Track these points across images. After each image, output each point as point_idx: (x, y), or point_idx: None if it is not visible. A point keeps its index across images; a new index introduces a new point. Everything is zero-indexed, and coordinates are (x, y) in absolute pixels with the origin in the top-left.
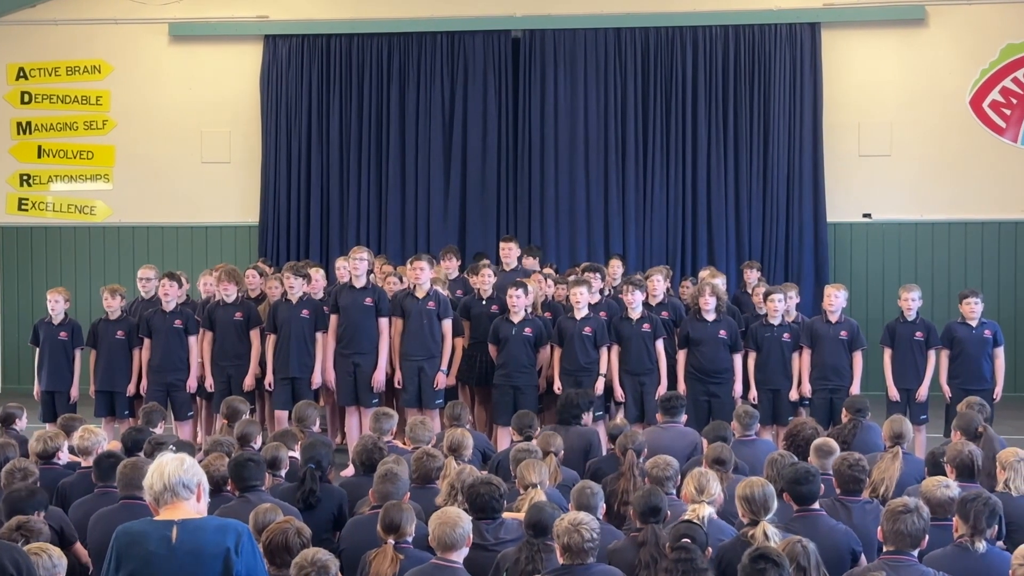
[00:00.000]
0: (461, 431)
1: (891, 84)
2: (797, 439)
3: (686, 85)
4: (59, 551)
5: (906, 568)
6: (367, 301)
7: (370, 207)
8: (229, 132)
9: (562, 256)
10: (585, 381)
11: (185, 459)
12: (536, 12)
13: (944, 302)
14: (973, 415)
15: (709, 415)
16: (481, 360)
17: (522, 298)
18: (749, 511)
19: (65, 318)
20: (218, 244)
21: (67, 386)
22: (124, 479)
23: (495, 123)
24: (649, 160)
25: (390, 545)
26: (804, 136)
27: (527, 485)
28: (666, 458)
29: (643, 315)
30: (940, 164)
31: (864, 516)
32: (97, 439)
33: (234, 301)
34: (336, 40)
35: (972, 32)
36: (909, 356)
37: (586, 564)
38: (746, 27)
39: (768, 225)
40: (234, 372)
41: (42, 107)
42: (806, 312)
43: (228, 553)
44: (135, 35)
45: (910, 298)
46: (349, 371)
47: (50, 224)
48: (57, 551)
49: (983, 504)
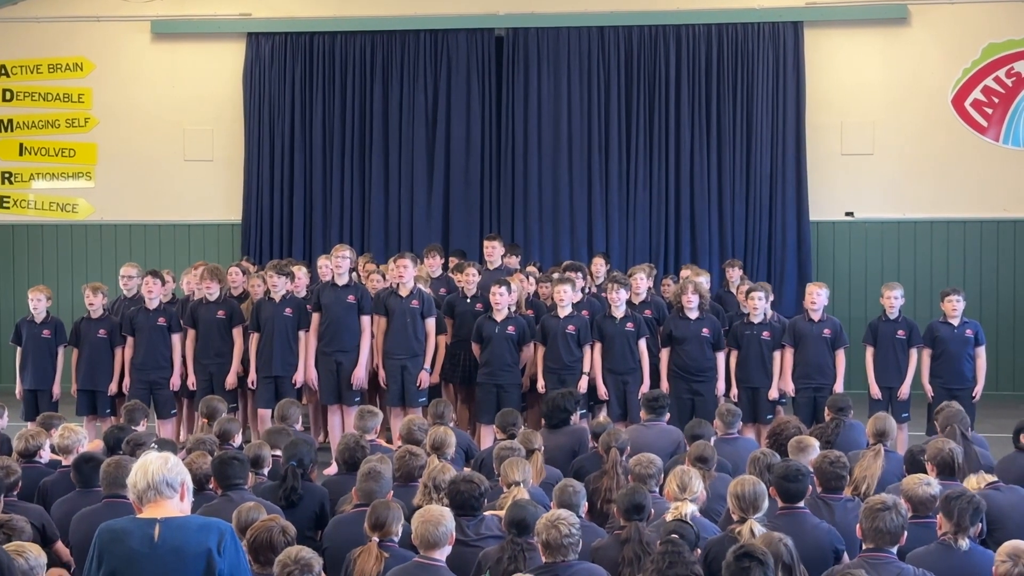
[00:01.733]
0: (444, 429)
1: (874, 83)
2: (780, 438)
3: (669, 84)
4: (38, 549)
5: (885, 566)
6: (350, 299)
7: (353, 205)
8: (212, 130)
9: (545, 254)
10: (569, 379)
11: (169, 458)
12: (519, 10)
13: (926, 300)
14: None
15: (692, 413)
16: (464, 359)
17: (505, 296)
18: (738, 508)
19: (48, 316)
20: (201, 242)
21: (50, 384)
22: (108, 478)
23: (478, 121)
24: (632, 158)
25: (375, 543)
26: (787, 135)
27: (510, 483)
28: (649, 456)
29: (627, 314)
30: (922, 163)
31: (846, 514)
32: (77, 437)
33: (217, 299)
34: (319, 38)
35: (954, 31)
36: (891, 354)
37: (568, 561)
38: (729, 26)
39: (751, 224)
40: (216, 370)
41: (24, 104)
42: (788, 311)
43: (210, 552)
44: (117, 32)
45: (892, 296)
46: (331, 369)
47: (32, 222)
48: (36, 549)
49: (967, 502)
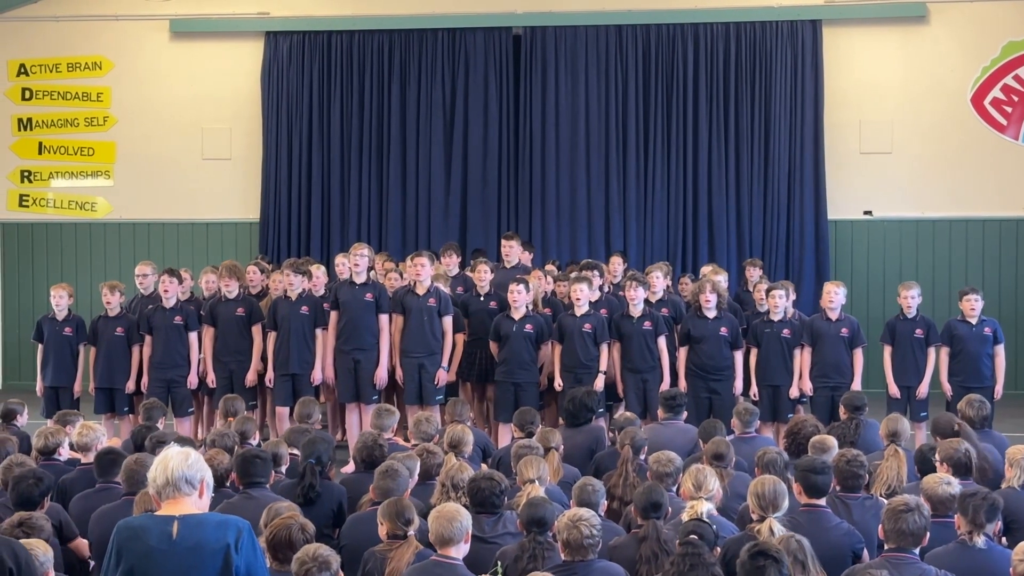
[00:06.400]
0: (461, 427)
1: (892, 81)
2: (798, 437)
3: (687, 82)
4: (45, 546)
5: (908, 566)
6: (367, 297)
7: (371, 204)
8: (230, 129)
9: (563, 253)
10: (585, 378)
11: (190, 454)
12: (537, 9)
13: (945, 300)
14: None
15: (710, 412)
16: (481, 357)
17: (523, 294)
18: (758, 507)
19: (69, 314)
20: (219, 240)
21: (71, 382)
22: (129, 475)
23: (496, 120)
24: (650, 157)
25: (413, 536)
26: (805, 133)
27: (525, 481)
28: (668, 454)
29: (645, 312)
30: (941, 161)
31: (864, 512)
32: (96, 435)
33: (235, 297)
34: (337, 37)
35: (973, 29)
36: (909, 354)
37: (587, 560)
38: (747, 24)
39: (769, 222)
40: (236, 368)
41: (43, 103)
42: (806, 310)
43: (228, 549)
44: (136, 31)
45: (910, 295)
46: (349, 367)
47: (51, 220)
48: (43, 546)
49: (982, 499)
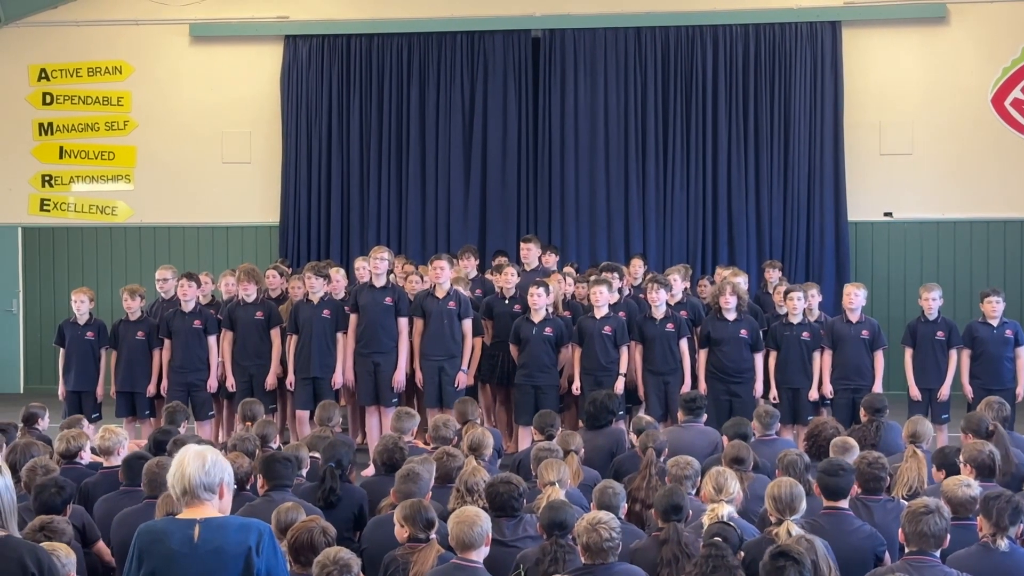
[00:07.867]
0: (482, 430)
1: (912, 82)
2: (818, 439)
3: (706, 84)
4: (67, 549)
5: (929, 569)
6: (387, 300)
7: (390, 207)
8: (250, 132)
9: (582, 255)
10: (605, 381)
11: (207, 458)
12: (556, 12)
13: (966, 301)
14: (982, 415)
15: (730, 414)
16: (503, 360)
17: (543, 297)
18: (775, 510)
19: (90, 318)
20: (239, 244)
21: (93, 386)
22: (151, 479)
23: (515, 123)
24: (669, 159)
25: (435, 539)
26: (825, 135)
27: (545, 484)
28: (687, 458)
29: (667, 314)
30: (961, 163)
31: (885, 515)
32: (118, 439)
33: (255, 301)
34: (356, 40)
35: (993, 30)
36: (930, 356)
37: (608, 563)
38: (766, 26)
39: (789, 224)
40: (256, 371)
41: (64, 108)
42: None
43: (249, 552)
44: (156, 36)
45: (930, 297)
46: (369, 370)
47: (72, 225)
48: (65, 549)
49: (1005, 502)
